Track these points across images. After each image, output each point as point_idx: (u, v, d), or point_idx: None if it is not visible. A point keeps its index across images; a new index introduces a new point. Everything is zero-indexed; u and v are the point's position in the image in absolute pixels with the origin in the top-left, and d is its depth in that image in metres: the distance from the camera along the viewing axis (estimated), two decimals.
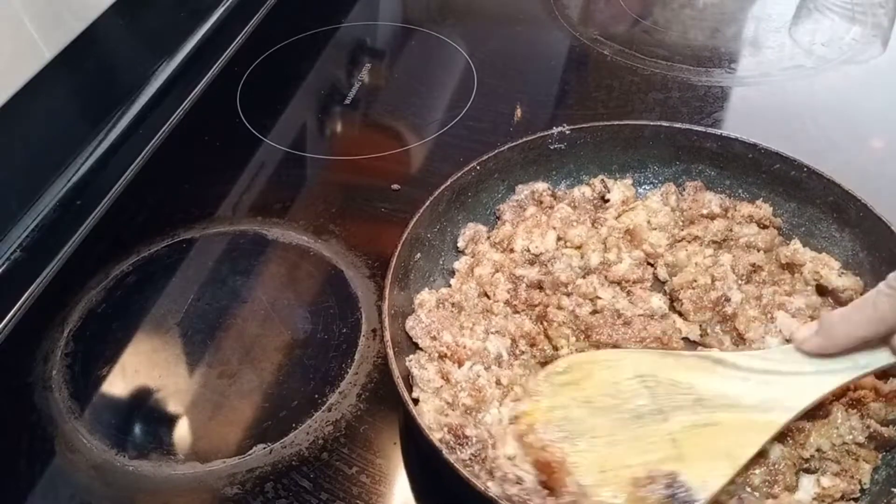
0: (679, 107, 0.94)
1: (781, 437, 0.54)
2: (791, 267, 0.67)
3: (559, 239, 0.71)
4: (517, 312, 0.66)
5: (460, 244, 0.72)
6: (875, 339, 0.50)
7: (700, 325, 0.65)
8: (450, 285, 0.69)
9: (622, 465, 0.51)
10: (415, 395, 0.59)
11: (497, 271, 0.69)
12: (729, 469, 0.50)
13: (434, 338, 0.63)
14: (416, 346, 0.64)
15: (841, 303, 0.64)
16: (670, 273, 0.69)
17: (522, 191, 0.75)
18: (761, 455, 0.53)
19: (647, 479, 0.50)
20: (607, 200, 0.74)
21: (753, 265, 0.67)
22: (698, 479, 0.50)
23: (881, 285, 0.48)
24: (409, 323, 0.63)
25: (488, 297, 0.67)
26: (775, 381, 0.52)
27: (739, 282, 0.66)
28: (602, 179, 0.75)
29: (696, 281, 0.66)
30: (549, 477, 0.51)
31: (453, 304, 0.66)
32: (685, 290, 0.66)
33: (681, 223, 0.72)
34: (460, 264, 0.71)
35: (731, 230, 0.70)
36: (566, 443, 0.53)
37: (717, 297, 0.64)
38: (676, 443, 0.52)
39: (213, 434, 0.63)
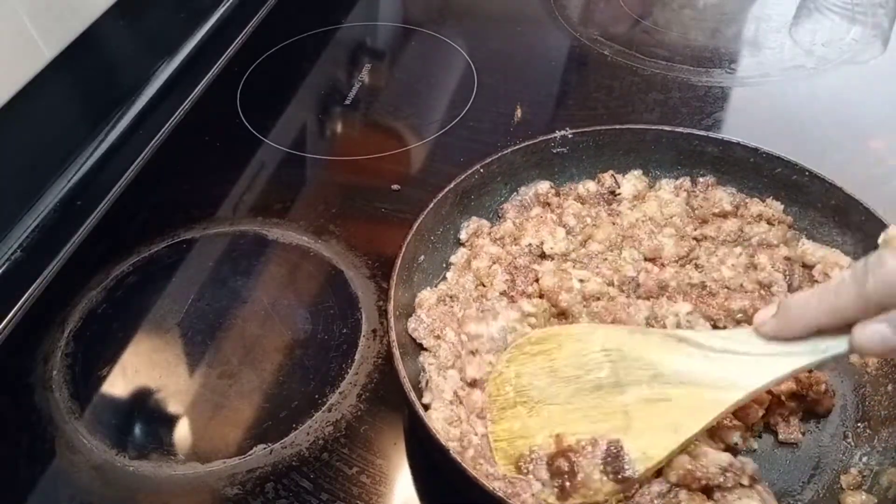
0: (679, 107, 0.94)
1: None
2: (803, 267, 0.68)
3: (569, 233, 0.71)
4: (513, 301, 0.66)
5: (462, 237, 0.72)
6: (833, 327, 0.48)
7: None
8: (446, 279, 0.70)
9: (572, 431, 0.54)
10: (426, 400, 0.59)
11: (494, 263, 0.69)
12: (672, 443, 0.51)
13: (438, 336, 0.63)
14: (420, 347, 0.64)
15: None
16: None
17: (526, 192, 0.75)
18: None
19: (590, 442, 0.52)
20: (617, 194, 0.74)
21: (787, 258, 0.67)
22: (639, 450, 0.51)
23: (845, 273, 0.46)
24: (411, 324, 0.64)
25: (484, 286, 0.68)
26: (733, 360, 0.52)
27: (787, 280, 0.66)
28: (612, 174, 0.75)
29: (742, 285, 0.66)
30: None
31: (450, 297, 0.67)
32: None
33: (692, 221, 0.72)
34: (457, 258, 0.71)
35: (742, 230, 0.70)
36: (524, 407, 0.57)
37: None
38: (627, 415, 0.53)
39: (213, 434, 0.63)
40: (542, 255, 0.70)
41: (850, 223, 0.67)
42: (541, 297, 0.66)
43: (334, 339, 0.70)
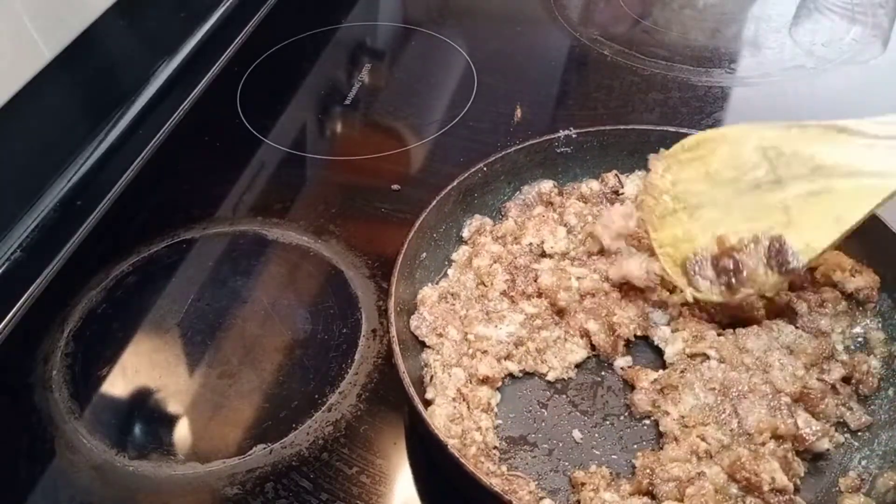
0: (679, 107, 0.94)
1: None
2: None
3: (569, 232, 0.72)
4: (514, 303, 0.66)
5: (465, 234, 0.73)
6: None
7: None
8: (447, 275, 0.70)
9: (733, 230, 0.54)
10: (429, 395, 0.60)
11: (495, 262, 0.69)
12: (835, 231, 0.52)
13: (440, 334, 0.63)
14: (421, 345, 0.64)
15: (859, 300, 0.64)
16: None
17: (529, 191, 0.75)
18: None
19: (753, 240, 0.53)
20: (620, 194, 0.74)
21: None
22: (802, 242, 0.52)
23: None
24: (414, 322, 0.64)
25: (485, 286, 0.68)
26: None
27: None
28: (615, 174, 0.75)
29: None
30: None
31: (452, 295, 0.67)
32: None
33: None
34: (458, 255, 0.71)
35: None
36: (684, 213, 0.59)
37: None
38: (788, 209, 0.54)
39: (213, 434, 0.63)
40: (543, 254, 0.70)
41: None
42: (540, 296, 0.66)
43: (334, 339, 0.70)
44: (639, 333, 0.64)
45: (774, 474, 0.53)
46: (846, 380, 0.61)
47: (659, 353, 0.64)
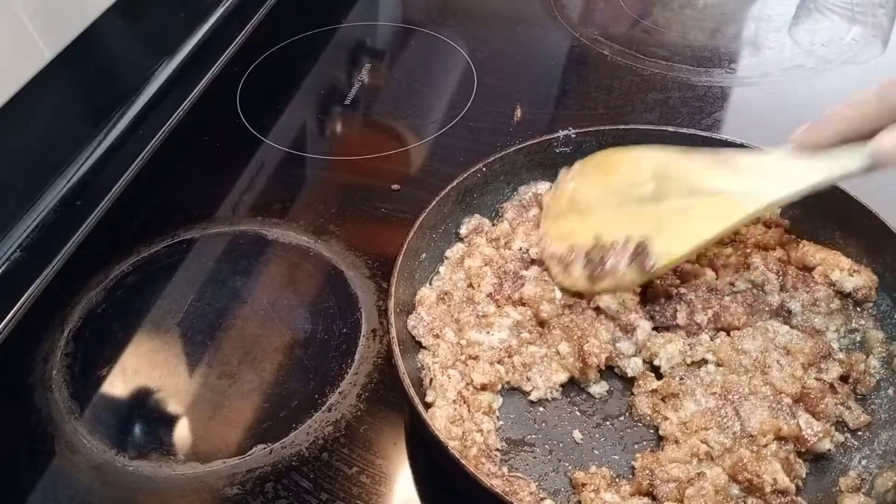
0: (679, 107, 0.94)
1: None
2: (803, 268, 0.68)
3: None
4: (499, 307, 0.66)
5: (462, 232, 0.72)
6: (857, 135, 0.52)
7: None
8: (439, 272, 0.70)
9: (611, 232, 0.62)
10: (429, 398, 0.60)
11: (486, 265, 0.69)
12: (691, 242, 0.60)
13: (437, 336, 0.63)
14: (419, 345, 0.64)
15: (857, 300, 0.64)
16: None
17: (526, 192, 0.75)
18: None
19: (623, 240, 0.61)
20: None
21: (781, 261, 0.68)
22: (663, 248, 0.59)
23: (872, 86, 0.50)
24: (411, 321, 0.64)
25: (473, 288, 0.68)
26: (760, 174, 0.58)
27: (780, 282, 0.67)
28: None
29: (733, 284, 0.67)
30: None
31: (447, 294, 0.67)
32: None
33: None
34: (452, 252, 0.71)
35: (738, 232, 0.70)
36: (576, 215, 0.67)
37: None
38: (659, 220, 0.61)
39: (213, 434, 0.63)
40: (533, 261, 0.70)
41: (852, 225, 0.67)
42: (524, 304, 0.66)
43: (334, 339, 0.70)
44: (606, 364, 0.63)
45: (776, 475, 0.53)
46: (844, 379, 0.61)
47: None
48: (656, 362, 0.62)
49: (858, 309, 0.65)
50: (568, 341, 0.63)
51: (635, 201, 0.64)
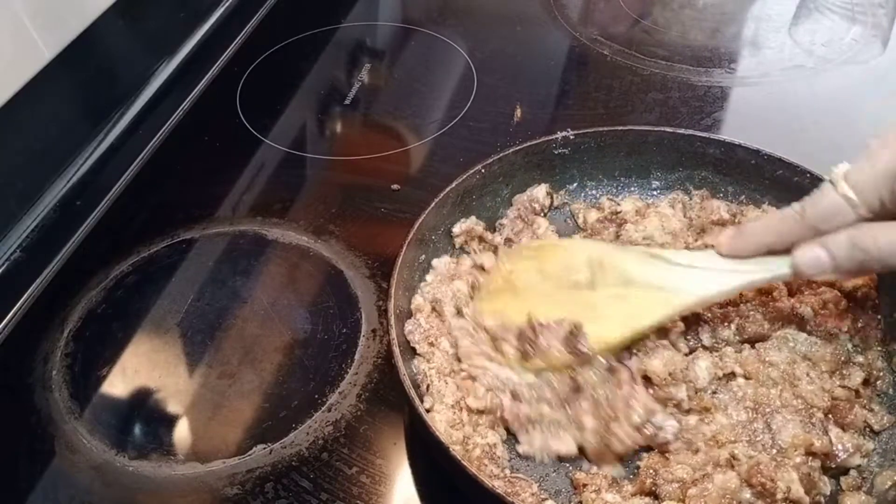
0: (679, 107, 0.94)
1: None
2: None
3: None
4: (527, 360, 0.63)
5: (455, 230, 0.71)
6: (780, 247, 0.56)
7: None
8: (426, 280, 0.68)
9: (545, 314, 0.61)
10: (427, 404, 0.59)
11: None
12: (626, 331, 0.60)
13: (432, 344, 0.63)
14: (414, 351, 0.63)
15: (856, 300, 0.64)
16: None
17: (521, 199, 0.74)
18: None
19: (557, 321, 0.60)
20: (619, 213, 0.74)
21: None
22: (597, 333, 0.59)
23: (794, 203, 0.55)
24: (408, 327, 0.63)
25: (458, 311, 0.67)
26: (692, 272, 0.61)
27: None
28: (608, 198, 0.76)
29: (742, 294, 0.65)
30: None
31: (434, 301, 0.66)
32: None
33: (692, 232, 0.72)
34: (441, 264, 0.69)
35: None
36: (510, 293, 0.66)
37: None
38: (594, 307, 0.62)
39: (213, 434, 0.63)
40: None
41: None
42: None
43: (334, 339, 0.70)
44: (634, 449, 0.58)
45: (791, 484, 0.52)
46: (865, 382, 0.60)
47: None
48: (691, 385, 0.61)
49: (861, 308, 0.65)
50: (594, 417, 0.58)
51: (570, 287, 0.64)
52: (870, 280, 0.64)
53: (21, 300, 0.74)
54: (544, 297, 0.65)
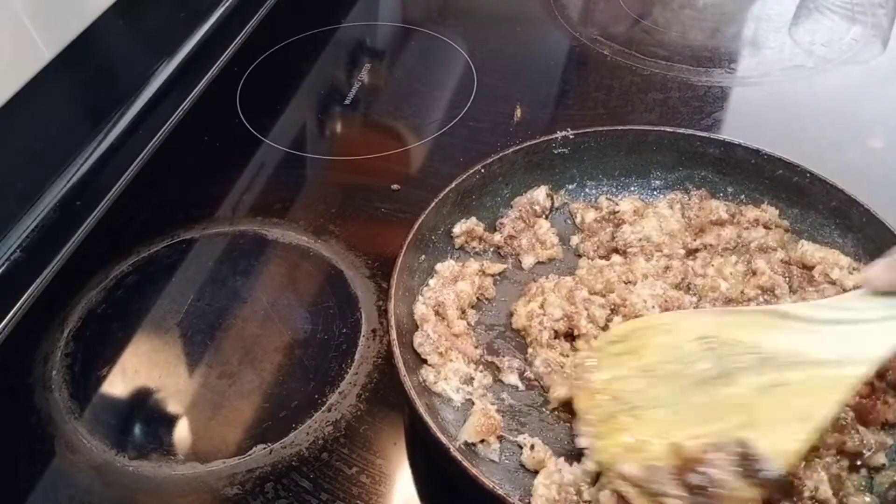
0: (679, 107, 0.94)
1: None
2: (803, 268, 0.68)
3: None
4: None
5: (456, 231, 0.72)
6: None
7: None
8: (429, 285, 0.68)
9: (689, 435, 0.48)
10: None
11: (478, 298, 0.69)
12: (804, 433, 0.47)
13: (442, 354, 0.62)
14: (422, 361, 0.63)
15: None
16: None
17: (520, 201, 0.74)
18: None
19: (714, 447, 0.46)
20: (617, 213, 0.74)
21: (783, 261, 0.67)
22: (771, 445, 0.46)
23: None
24: (417, 339, 0.63)
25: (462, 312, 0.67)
26: (847, 330, 0.49)
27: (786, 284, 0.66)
28: (607, 197, 0.76)
29: (743, 292, 0.66)
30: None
31: (437, 305, 0.66)
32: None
33: (690, 232, 0.72)
34: (444, 267, 0.69)
35: (740, 236, 0.70)
36: (627, 416, 0.51)
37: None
38: (746, 408, 0.48)
39: (213, 434, 0.63)
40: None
41: (851, 224, 0.67)
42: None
43: (334, 339, 0.70)
44: None
45: (820, 484, 0.50)
46: (879, 375, 0.58)
47: None
48: None
49: None
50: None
51: (697, 385, 0.50)
52: None
53: (21, 300, 0.74)
54: (673, 409, 0.50)
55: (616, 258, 0.71)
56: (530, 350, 0.65)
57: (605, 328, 0.64)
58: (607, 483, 0.50)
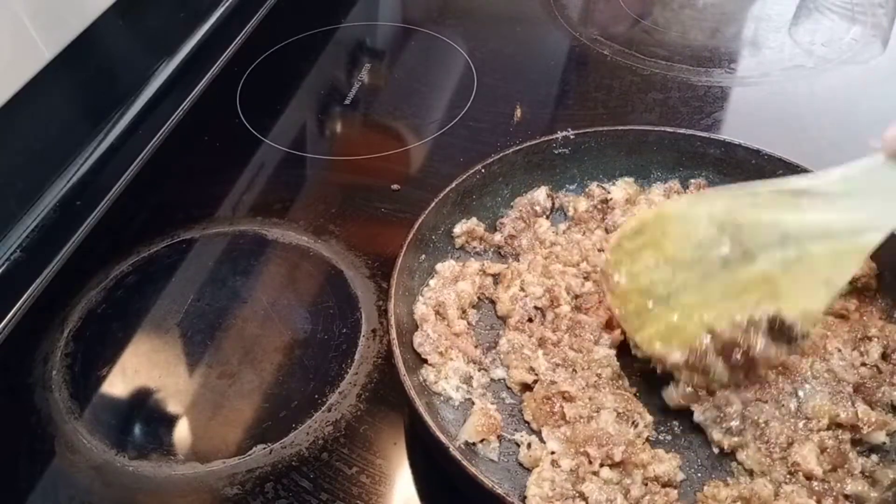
0: (679, 107, 0.94)
1: None
2: None
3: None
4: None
5: (456, 231, 0.72)
6: None
7: None
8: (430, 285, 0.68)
9: (720, 313, 0.52)
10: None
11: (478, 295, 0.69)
12: (828, 294, 0.51)
13: (442, 354, 0.62)
14: (423, 361, 0.63)
15: (859, 288, 0.64)
16: None
17: (521, 202, 0.74)
18: None
19: (750, 324, 0.51)
20: (609, 201, 0.74)
21: None
22: (797, 309, 0.51)
23: None
24: (417, 339, 0.63)
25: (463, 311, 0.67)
26: (861, 200, 0.51)
27: None
28: (598, 185, 0.76)
29: None
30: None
31: (438, 305, 0.66)
32: None
33: None
34: (445, 268, 0.69)
35: None
36: (659, 306, 0.55)
37: None
38: (770, 281, 0.52)
39: (213, 434, 0.63)
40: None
41: None
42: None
43: (334, 339, 0.70)
44: None
45: (808, 455, 0.53)
46: (883, 356, 0.60)
47: None
48: None
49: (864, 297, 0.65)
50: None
51: (721, 267, 0.54)
52: (869, 269, 0.65)
53: (21, 300, 0.74)
54: (701, 292, 0.54)
55: (598, 233, 0.72)
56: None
57: (579, 296, 0.66)
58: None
